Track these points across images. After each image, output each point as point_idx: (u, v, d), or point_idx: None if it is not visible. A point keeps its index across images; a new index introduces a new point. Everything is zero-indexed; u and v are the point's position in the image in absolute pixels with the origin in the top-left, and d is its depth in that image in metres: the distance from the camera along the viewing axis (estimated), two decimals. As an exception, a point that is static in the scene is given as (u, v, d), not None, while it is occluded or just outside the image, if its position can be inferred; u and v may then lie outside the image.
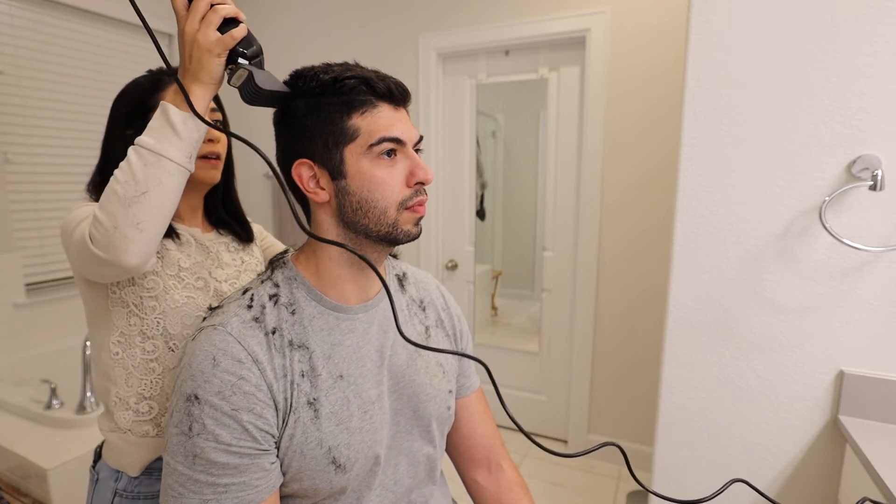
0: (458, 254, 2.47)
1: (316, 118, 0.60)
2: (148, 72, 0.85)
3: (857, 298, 0.94)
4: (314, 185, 0.62)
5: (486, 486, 0.82)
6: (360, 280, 0.67)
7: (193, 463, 0.56)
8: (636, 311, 2.06)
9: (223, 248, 0.89)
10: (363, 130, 0.60)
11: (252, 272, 0.91)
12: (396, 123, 0.61)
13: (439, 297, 0.81)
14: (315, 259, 0.66)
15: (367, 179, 0.60)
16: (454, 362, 0.79)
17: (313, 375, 0.61)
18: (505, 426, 2.48)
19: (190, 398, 0.56)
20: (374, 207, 0.61)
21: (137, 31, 2.37)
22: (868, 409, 0.94)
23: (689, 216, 1.03)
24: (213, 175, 0.85)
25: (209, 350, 0.58)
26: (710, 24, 0.97)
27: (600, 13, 1.94)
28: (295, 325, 0.62)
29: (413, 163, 0.62)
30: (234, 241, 0.92)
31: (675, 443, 1.10)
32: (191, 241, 0.84)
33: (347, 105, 0.60)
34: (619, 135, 2.00)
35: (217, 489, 0.56)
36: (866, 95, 0.89)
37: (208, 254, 0.85)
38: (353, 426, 0.63)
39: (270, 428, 0.58)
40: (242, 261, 0.91)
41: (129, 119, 0.78)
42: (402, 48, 2.35)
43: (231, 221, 0.93)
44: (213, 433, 0.55)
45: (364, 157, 0.60)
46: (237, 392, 0.56)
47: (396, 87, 0.62)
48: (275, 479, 0.60)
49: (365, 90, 0.60)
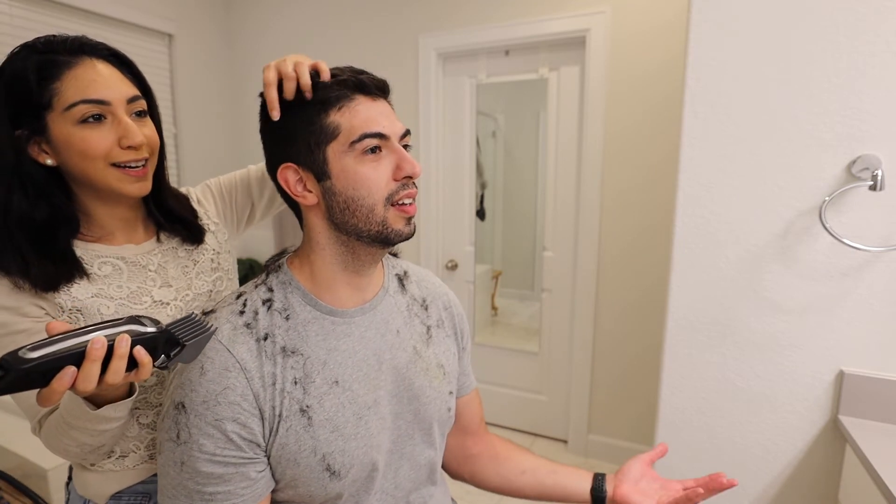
0: (458, 254, 2.47)
1: (294, 121, 0.60)
2: (29, 45, 0.65)
3: (857, 298, 0.93)
4: (301, 188, 0.61)
5: (480, 454, 0.85)
6: (357, 282, 0.66)
7: (181, 470, 0.56)
8: (636, 311, 2.06)
9: (169, 256, 0.77)
10: (343, 127, 0.58)
11: (209, 271, 0.81)
12: (378, 117, 0.60)
13: (442, 295, 0.80)
14: (309, 263, 0.65)
15: (352, 178, 0.59)
16: (455, 363, 0.79)
17: (307, 382, 0.61)
18: (506, 426, 2.49)
19: (178, 406, 0.57)
20: (361, 206, 0.60)
21: (138, 31, 2.37)
22: (868, 409, 0.94)
23: (689, 216, 1.03)
24: (141, 188, 0.70)
25: (198, 358, 0.57)
26: (710, 24, 0.97)
27: (600, 13, 1.94)
28: (289, 331, 0.62)
29: (399, 156, 0.61)
30: (182, 243, 0.79)
31: (675, 443, 1.10)
32: (120, 268, 0.71)
33: (323, 103, 0.59)
34: (619, 135, 2.00)
35: (203, 496, 0.57)
36: (866, 95, 0.89)
37: (146, 274, 0.73)
38: (348, 432, 0.62)
39: (255, 437, 0.58)
40: (195, 262, 0.80)
41: (16, 119, 0.64)
42: (401, 48, 2.35)
43: (172, 224, 0.78)
44: (198, 442, 0.55)
45: (347, 154, 0.59)
46: (222, 402, 0.56)
47: (370, 79, 0.61)
48: (262, 487, 0.59)
49: (337, 85, 0.59)
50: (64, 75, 0.63)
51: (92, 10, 2.17)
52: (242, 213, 0.92)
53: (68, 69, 0.64)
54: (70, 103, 0.63)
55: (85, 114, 0.64)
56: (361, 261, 0.65)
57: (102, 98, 0.65)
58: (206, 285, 0.81)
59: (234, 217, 0.91)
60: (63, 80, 0.63)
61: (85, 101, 0.64)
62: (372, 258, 0.65)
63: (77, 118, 0.64)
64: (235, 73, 2.83)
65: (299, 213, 0.67)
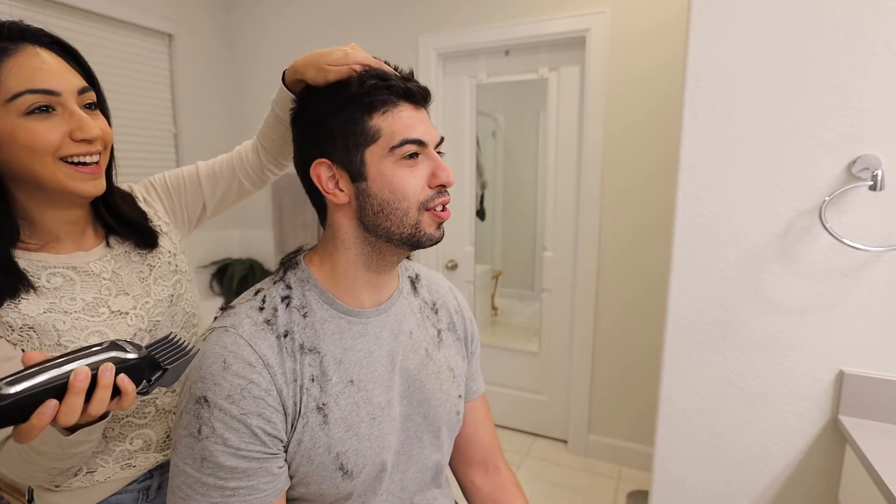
0: (458, 254, 2.47)
1: (336, 118, 0.59)
2: None
3: (857, 298, 0.93)
4: (333, 185, 0.61)
5: (481, 487, 0.82)
6: (376, 282, 0.66)
7: (202, 466, 0.56)
8: (636, 311, 2.06)
9: (122, 262, 0.72)
10: (385, 132, 0.59)
11: (168, 275, 0.77)
12: (418, 124, 0.60)
13: (452, 299, 0.81)
14: (331, 262, 0.65)
15: (389, 182, 0.59)
16: (464, 366, 0.79)
17: (323, 380, 0.61)
18: (506, 426, 2.49)
19: (199, 401, 0.56)
20: (395, 210, 0.60)
21: (138, 31, 2.37)
22: (868, 409, 0.94)
23: (689, 216, 1.03)
24: (95, 186, 0.64)
25: (220, 352, 0.57)
26: (710, 24, 0.97)
27: (600, 13, 1.94)
28: (306, 329, 0.62)
29: (435, 164, 0.62)
30: (135, 247, 0.74)
31: (675, 443, 1.10)
32: (72, 278, 0.66)
33: (368, 105, 0.59)
34: (619, 135, 2.00)
35: (225, 492, 0.56)
36: (866, 95, 0.89)
37: (100, 283, 0.68)
38: (362, 432, 0.62)
39: (279, 432, 0.58)
40: (151, 267, 0.75)
41: None
42: (401, 48, 2.35)
43: (123, 228, 0.73)
44: (222, 437, 0.55)
45: (386, 159, 0.59)
46: (247, 396, 0.56)
47: (418, 87, 0.61)
48: (282, 483, 0.60)
49: (386, 90, 0.59)
50: (3, 63, 0.58)
51: (92, 10, 2.17)
52: (193, 212, 0.87)
53: (7, 56, 0.58)
54: (13, 93, 0.58)
55: (32, 105, 0.58)
56: (386, 261, 0.65)
57: (51, 88, 0.59)
58: (166, 290, 0.76)
59: (185, 217, 0.86)
60: (3, 68, 0.58)
61: (31, 91, 0.58)
62: (397, 259, 0.66)
63: (22, 109, 0.58)
64: (235, 73, 2.83)
65: (323, 209, 0.66)
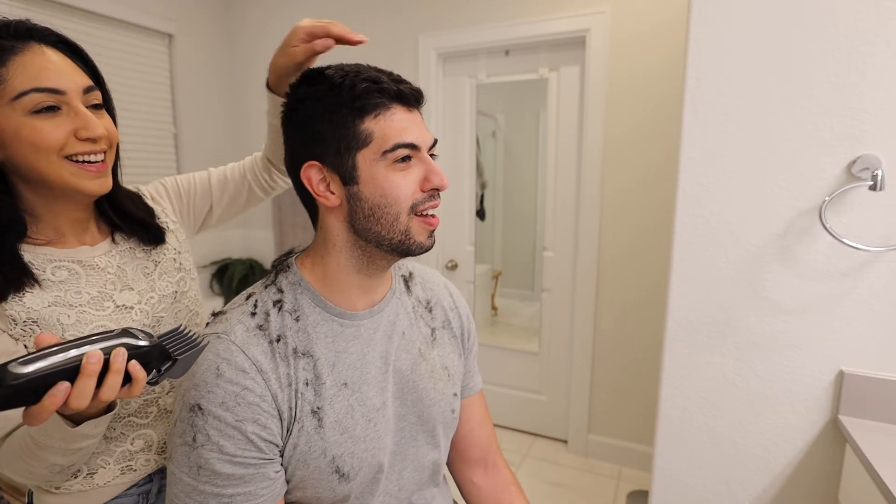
0: (458, 254, 2.47)
1: (327, 121, 0.58)
2: None
3: (857, 298, 0.93)
4: (324, 188, 0.60)
5: (481, 486, 0.82)
6: (368, 285, 0.66)
7: (198, 474, 0.55)
8: (636, 311, 2.06)
9: (127, 258, 0.73)
10: (377, 135, 0.58)
11: (172, 271, 0.78)
12: (411, 127, 0.59)
13: (447, 296, 0.80)
14: (323, 264, 0.64)
15: (381, 186, 0.58)
16: (460, 364, 0.78)
17: (317, 384, 0.61)
18: (506, 426, 2.49)
19: (193, 409, 0.56)
20: (386, 214, 0.59)
21: (138, 31, 2.37)
22: (868, 409, 0.94)
23: (689, 216, 1.03)
24: (101, 185, 0.65)
25: (213, 360, 0.57)
26: (710, 24, 0.97)
27: (600, 13, 1.94)
28: (299, 333, 0.61)
29: (428, 168, 0.61)
30: (140, 243, 0.75)
31: (675, 443, 1.10)
32: (77, 272, 0.66)
33: (360, 109, 0.57)
34: (619, 135, 2.00)
35: (222, 499, 0.56)
36: (866, 95, 0.89)
37: (105, 277, 0.69)
38: (358, 435, 0.62)
39: (274, 438, 0.58)
40: (156, 263, 0.76)
41: None
42: (401, 48, 2.35)
43: (128, 225, 0.74)
44: (218, 444, 0.55)
45: (378, 163, 0.58)
46: (241, 403, 0.56)
47: (410, 89, 0.60)
48: (279, 487, 0.59)
49: (378, 93, 0.58)
50: (10, 61, 0.58)
51: (92, 10, 2.17)
52: (200, 214, 0.89)
53: (14, 55, 0.58)
54: (19, 92, 0.58)
55: (38, 103, 0.59)
56: (377, 265, 0.64)
57: (57, 87, 0.60)
58: (171, 286, 0.77)
59: (192, 218, 0.88)
60: (9, 66, 0.58)
61: (37, 90, 0.59)
62: (387, 263, 0.65)
63: (28, 108, 0.59)
64: (235, 73, 2.83)
65: (314, 212, 0.65)
